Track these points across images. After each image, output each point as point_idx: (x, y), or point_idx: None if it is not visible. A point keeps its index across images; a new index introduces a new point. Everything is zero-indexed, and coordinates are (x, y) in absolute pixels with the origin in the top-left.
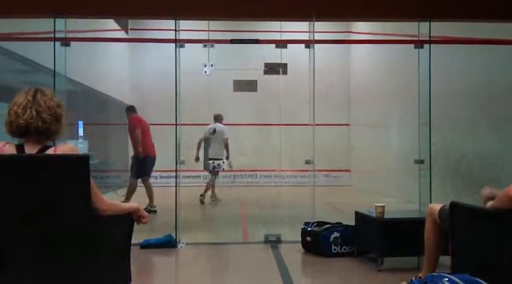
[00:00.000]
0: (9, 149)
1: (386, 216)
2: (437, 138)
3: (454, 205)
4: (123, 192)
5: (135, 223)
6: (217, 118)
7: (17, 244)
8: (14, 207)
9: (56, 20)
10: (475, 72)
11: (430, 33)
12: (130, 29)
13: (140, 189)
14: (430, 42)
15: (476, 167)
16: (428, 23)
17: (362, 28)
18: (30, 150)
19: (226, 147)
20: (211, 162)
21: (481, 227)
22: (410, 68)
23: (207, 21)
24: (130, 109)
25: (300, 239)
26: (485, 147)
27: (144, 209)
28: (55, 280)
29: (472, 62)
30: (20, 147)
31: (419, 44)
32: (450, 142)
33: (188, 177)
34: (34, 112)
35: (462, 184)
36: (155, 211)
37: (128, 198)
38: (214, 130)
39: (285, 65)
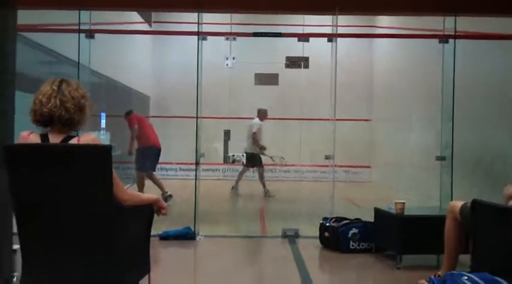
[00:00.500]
0: (34, 138)
1: (406, 213)
2: (459, 134)
3: (476, 203)
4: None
5: (155, 214)
6: (257, 113)
7: (39, 234)
8: (37, 196)
9: (81, 12)
10: (499, 68)
11: (455, 28)
12: (154, 22)
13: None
14: (455, 37)
15: (498, 164)
16: (454, 18)
17: (385, 22)
18: (54, 139)
19: (253, 140)
20: (230, 155)
21: (503, 226)
22: (435, 63)
23: (229, 14)
24: (128, 113)
25: (318, 234)
26: (508, 143)
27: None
28: (76, 270)
29: (497, 57)
30: (44, 137)
31: (444, 38)
32: (472, 139)
33: (207, 170)
34: (58, 102)
35: (484, 181)
36: (170, 195)
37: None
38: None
39: (306, 59)
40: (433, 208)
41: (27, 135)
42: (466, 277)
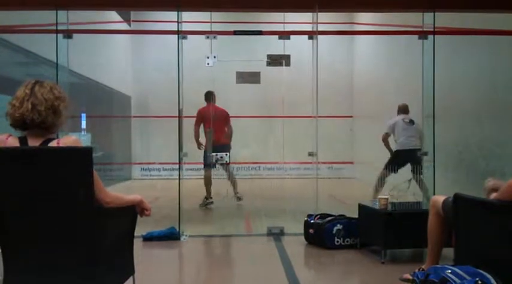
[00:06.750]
0: (12, 141)
1: (389, 208)
2: (441, 129)
3: (457, 197)
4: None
5: (138, 216)
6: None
7: (21, 236)
8: (16, 200)
9: (58, 12)
10: (479, 63)
11: (434, 24)
12: (133, 21)
13: (140, 182)
14: (434, 33)
15: (480, 159)
16: (432, 14)
17: (365, 19)
18: (33, 142)
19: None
20: (214, 154)
21: (485, 219)
22: (414, 59)
23: (209, 13)
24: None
25: (302, 231)
26: (489, 138)
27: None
28: (58, 271)
29: (476, 52)
30: (22, 140)
31: (423, 34)
32: (454, 134)
33: (191, 169)
34: (30, 105)
35: (466, 176)
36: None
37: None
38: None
39: (288, 57)
40: (416, 203)
41: (6, 138)
42: (449, 270)
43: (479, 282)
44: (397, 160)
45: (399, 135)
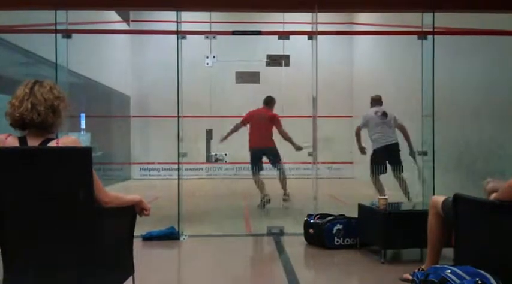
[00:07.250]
0: (12, 141)
1: (389, 208)
2: (440, 129)
3: (457, 197)
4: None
5: (138, 215)
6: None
7: (20, 236)
8: (16, 200)
9: (57, 11)
10: (479, 63)
11: (433, 24)
12: (132, 21)
13: (140, 182)
14: (433, 33)
15: (480, 159)
16: (432, 14)
17: (365, 19)
18: (33, 142)
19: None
20: (213, 154)
21: (485, 219)
22: (414, 59)
23: (209, 13)
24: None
25: (302, 231)
26: (489, 138)
27: None
28: (58, 271)
29: (477, 52)
30: (22, 139)
31: (422, 35)
32: (454, 134)
33: (190, 169)
34: (29, 105)
35: (466, 176)
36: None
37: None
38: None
39: (287, 57)
40: (415, 203)
41: (5, 138)
42: (449, 270)
43: (479, 282)
44: (376, 161)
45: (373, 131)
